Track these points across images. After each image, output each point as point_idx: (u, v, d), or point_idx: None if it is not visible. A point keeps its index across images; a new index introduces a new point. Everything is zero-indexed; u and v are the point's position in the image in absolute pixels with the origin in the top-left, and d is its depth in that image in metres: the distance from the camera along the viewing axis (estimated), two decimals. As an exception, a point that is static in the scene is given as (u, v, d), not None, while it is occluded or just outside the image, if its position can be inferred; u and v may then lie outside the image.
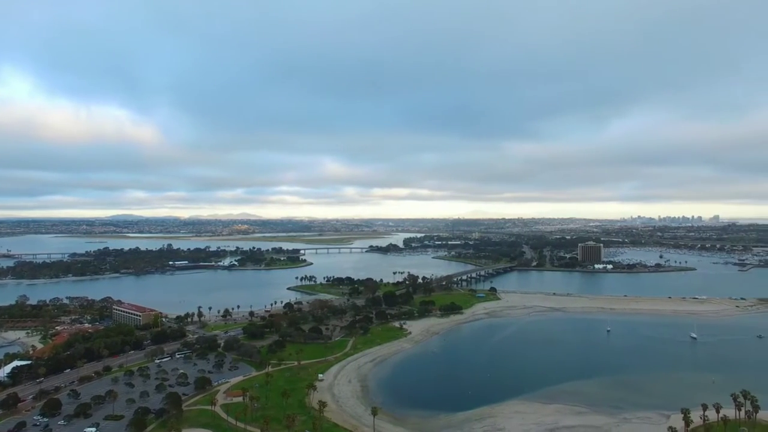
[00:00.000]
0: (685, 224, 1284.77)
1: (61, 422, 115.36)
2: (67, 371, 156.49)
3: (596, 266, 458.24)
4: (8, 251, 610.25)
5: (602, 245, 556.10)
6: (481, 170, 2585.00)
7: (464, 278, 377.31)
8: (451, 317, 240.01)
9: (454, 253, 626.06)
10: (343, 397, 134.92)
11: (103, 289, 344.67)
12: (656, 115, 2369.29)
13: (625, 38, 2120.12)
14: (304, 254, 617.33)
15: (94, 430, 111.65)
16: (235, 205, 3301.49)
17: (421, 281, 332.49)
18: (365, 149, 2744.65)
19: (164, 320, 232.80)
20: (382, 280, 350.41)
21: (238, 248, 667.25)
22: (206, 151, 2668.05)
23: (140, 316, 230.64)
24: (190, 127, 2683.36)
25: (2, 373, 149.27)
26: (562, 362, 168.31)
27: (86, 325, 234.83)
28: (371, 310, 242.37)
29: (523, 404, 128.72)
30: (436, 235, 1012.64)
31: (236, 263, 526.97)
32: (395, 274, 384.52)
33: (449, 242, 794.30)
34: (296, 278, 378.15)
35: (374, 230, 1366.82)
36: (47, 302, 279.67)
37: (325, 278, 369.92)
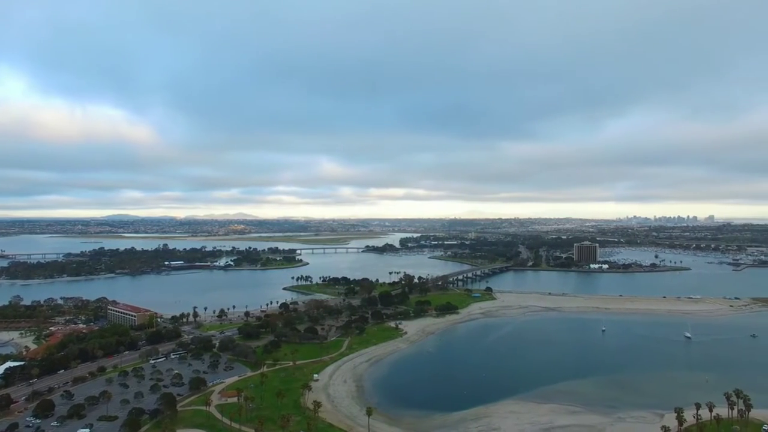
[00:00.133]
0: (680, 224, 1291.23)
1: (54, 423, 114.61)
2: (60, 372, 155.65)
3: (592, 266, 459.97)
4: (2, 252, 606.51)
5: (598, 245, 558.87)
6: (477, 170, 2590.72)
7: (460, 278, 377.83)
8: (446, 317, 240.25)
9: (450, 253, 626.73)
10: (338, 397, 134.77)
11: (98, 289, 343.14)
12: (652, 115, 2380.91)
13: (621, 39, 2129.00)
14: (300, 254, 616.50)
15: (87, 431, 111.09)
16: (231, 205, 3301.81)
17: (417, 281, 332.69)
18: (362, 149, 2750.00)
19: (159, 320, 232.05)
20: (378, 280, 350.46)
21: (234, 248, 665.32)
22: (202, 150, 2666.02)
23: (135, 316, 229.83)
24: (186, 126, 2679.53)
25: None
26: (557, 362, 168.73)
27: (81, 325, 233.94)
28: (367, 310, 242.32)
29: (518, 404, 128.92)
30: (432, 235, 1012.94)
31: (232, 263, 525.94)
32: (391, 274, 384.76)
33: (445, 242, 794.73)
34: (292, 278, 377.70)
35: (371, 230, 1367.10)
36: (41, 303, 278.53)
37: (321, 278, 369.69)
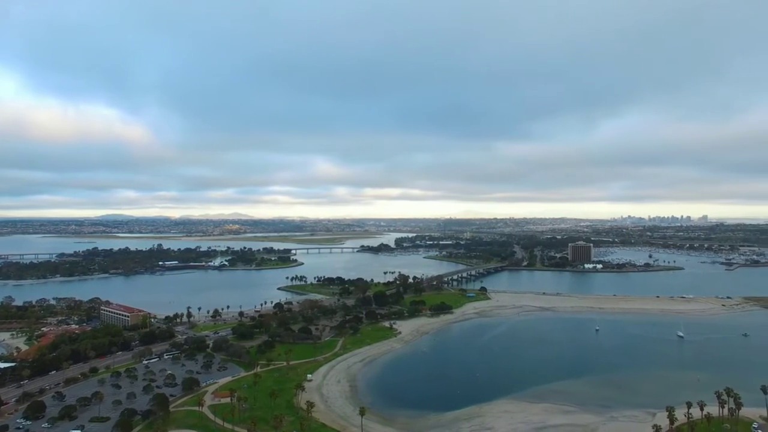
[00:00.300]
0: (674, 224, 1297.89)
1: (44, 425, 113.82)
2: (52, 373, 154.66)
3: (586, 266, 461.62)
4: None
5: (592, 245, 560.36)
6: (472, 170, 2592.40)
7: (455, 278, 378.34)
8: (441, 317, 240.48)
9: (445, 252, 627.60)
10: (331, 397, 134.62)
11: (91, 289, 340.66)
12: (647, 116, 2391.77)
13: (618, 39, 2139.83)
14: (295, 254, 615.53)
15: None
16: (226, 204, 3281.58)
17: (411, 281, 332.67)
18: (357, 149, 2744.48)
19: (153, 321, 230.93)
20: (372, 280, 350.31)
21: (229, 248, 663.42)
22: (197, 150, 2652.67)
23: (128, 316, 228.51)
24: (181, 126, 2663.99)
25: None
26: (550, 361, 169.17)
27: (73, 326, 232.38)
28: (361, 310, 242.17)
29: (511, 403, 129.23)
30: (427, 234, 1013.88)
31: (227, 263, 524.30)
32: (386, 273, 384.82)
33: (440, 242, 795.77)
34: (287, 278, 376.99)
35: (366, 230, 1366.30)
36: (33, 303, 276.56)
37: (315, 278, 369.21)
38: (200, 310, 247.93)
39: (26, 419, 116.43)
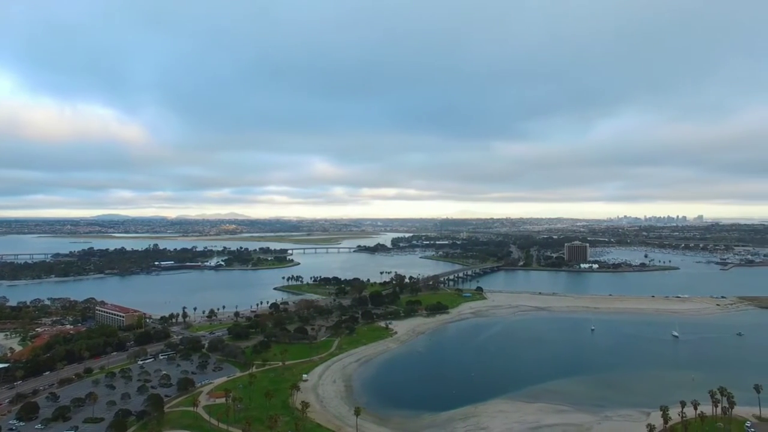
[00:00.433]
0: (670, 224, 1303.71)
1: (38, 426, 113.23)
2: (46, 374, 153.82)
3: (582, 266, 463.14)
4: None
5: (588, 245, 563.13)
6: (469, 170, 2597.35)
7: (451, 278, 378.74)
8: (437, 317, 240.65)
9: (441, 252, 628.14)
10: (327, 397, 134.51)
11: (86, 289, 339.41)
12: (642, 116, 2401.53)
13: (613, 40, 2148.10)
14: (291, 254, 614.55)
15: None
16: (223, 204, 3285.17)
17: (408, 281, 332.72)
18: (354, 149, 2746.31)
19: (148, 321, 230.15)
20: (369, 280, 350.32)
21: (225, 248, 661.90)
22: (194, 150, 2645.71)
23: (123, 317, 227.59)
24: (177, 126, 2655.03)
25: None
26: (546, 361, 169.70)
27: (68, 326, 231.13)
28: (357, 310, 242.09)
29: (506, 403, 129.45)
30: (424, 234, 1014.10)
31: (223, 263, 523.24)
32: (382, 273, 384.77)
33: (437, 242, 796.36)
34: (283, 278, 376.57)
35: (362, 230, 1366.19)
36: (28, 303, 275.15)
37: (312, 278, 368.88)
38: (196, 310, 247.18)
39: (19, 420, 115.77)
